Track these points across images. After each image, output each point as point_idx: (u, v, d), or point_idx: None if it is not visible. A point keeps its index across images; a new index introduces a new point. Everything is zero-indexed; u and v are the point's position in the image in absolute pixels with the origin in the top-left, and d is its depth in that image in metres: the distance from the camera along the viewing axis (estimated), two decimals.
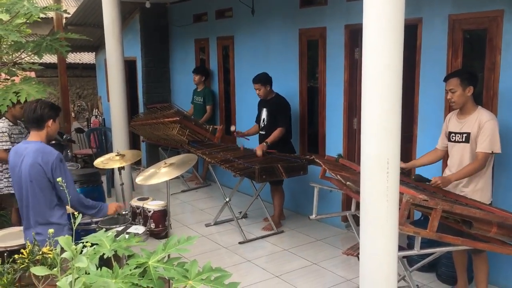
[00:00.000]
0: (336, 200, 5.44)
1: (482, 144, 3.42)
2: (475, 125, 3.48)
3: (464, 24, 4.07)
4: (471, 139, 3.50)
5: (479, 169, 3.45)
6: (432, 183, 3.46)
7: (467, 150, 3.53)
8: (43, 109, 3.15)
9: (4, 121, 4.67)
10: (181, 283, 1.73)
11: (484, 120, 3.44)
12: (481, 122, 3.45)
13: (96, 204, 3.31)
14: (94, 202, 3.31)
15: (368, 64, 2.39)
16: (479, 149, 3.44)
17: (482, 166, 3.45)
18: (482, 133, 3.43)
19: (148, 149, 8.45)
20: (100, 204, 3.37)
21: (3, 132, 4.59)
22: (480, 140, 3.44)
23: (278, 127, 5.36)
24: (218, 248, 5.04)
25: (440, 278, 4.15)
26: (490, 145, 3.41)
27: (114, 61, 5.54)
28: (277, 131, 5.34)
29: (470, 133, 3.51)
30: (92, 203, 3.29)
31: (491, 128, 3.41)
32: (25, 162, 3.08)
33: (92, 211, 3.31)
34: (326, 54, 5.40)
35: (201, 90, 7.29)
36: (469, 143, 3.51)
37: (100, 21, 6.07)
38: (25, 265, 2.15)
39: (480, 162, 3.43)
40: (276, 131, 5.35)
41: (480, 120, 3.46)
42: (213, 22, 7.28)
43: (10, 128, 4.63)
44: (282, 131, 5.36)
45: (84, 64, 13.42)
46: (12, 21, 3.79)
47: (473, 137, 3.49)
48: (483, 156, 3.43)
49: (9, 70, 4.43)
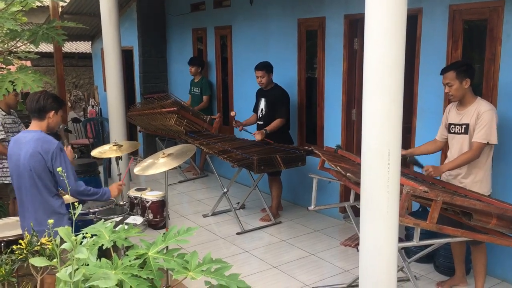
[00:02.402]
0: (334, 191, 5.43)
1: (478, 134, 3.41)
2: (474, 116, 3.46)
3: (464, 15, 4.04)
4: (469, 130, 3.49)
5: (472, 158, 3.43)
6: (424, 170, 3.46)
7: (466, 142, 3.51)
8: (46, 99, 3.17)
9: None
10: (181, 274, 1.72)
11: (482, 111, 3.42)
12: (479, 113, 3.43)
13: (97, 190, 3.32)
14: (95, 189, 3.31)
15: (370, 55, 2.36)
16: (474, 139, 3.43)
17: (476, 156, 3.42)
18: (479, 123, 3.41)
19: (145, 139, 8.42)
20: (102, 189, 3.37)
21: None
22: (476, 130, 3.42)
23: (277, 117, 5.35)
24: (215, 238, 5.04)
25: (438, 269, 4.16)
26: (486, 135, 3.38)
27: (110, 50, 5.48)
28: (277, 121, 5.33)
29: (468, 124, 3.49)
30: (93, 190, 3.29)
31: (489, 119, 3.39)
32: (25, 151, 3.07)
33: (95, 196, 3.31)
34: (325, 44, 5.37)
35: (199, 80, 7.25)
36: (468, 134, 3.50)
37: (96, 9, 6.02)
38: (23, 255, 2.13)
39: (474, 152, 3.41)
40: (276, 121, 5.33)
41: (478, 110, 3.45)
42: (210, 12, 7.21)
43: (3, 118, 4.58)
44: (281, 122, 5.35)
45: (80, 54, 13.32)
46: (7, 9, 3.74)
47: (472, 128, 3.47)
48: (478, 146, 3.41)
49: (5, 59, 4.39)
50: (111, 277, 1.59)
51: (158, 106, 6.48)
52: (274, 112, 5.41)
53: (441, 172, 3.52)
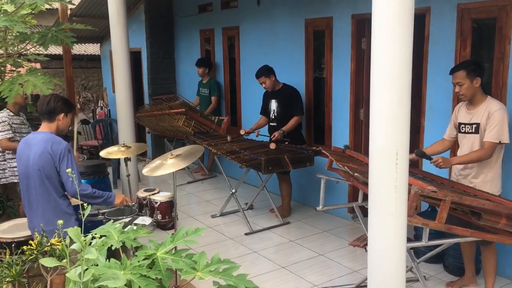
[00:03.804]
0: (342, 192, 5.42)
1: (490, 133, 3.38)
2: (484, 115, 3.43)
3: (473, 13, 4.02)
4: (480, 130, 3.46)
5: (483, 157, 3.40)
6: (433, 161, 3.42)
7: (477, 141, 3.49)
8: (57, 102, 3.21)
9: (4, 111, 4.69)
10: (189, 274, 1.73)
11: (493, 110, 3.40)
12: (490, 112, 3.40)
13: (102, 194, 3.31)
14: (100, 192, 3.32)
15: (377, 55, 2.36)
16: (486, 138, 3.40)
17: (488, 155, 3.39)
18: (490, 122, 3.38)
19: (154, 140, 8.45)
20: (107, 193, 3.37)
21: (4, 121, 4.61)
22: (487, 130, 3.40)
23: (293, 115, 5.36)
24: (224, 239, 5.05)
25: (448, 269, 4.13)
26: (497, 134, 3.36)
27: (119, 52, 5.52)
28: (294, 120, 5.36)
29: (479, 124, 3.46)
30: (98, 192, 3.29)
31: (500, 118, 3.37)
32: (34, 151, 3.10)
33: (99, 200, 3.31)
34: (333, 44, 5.36)
35: (207, 81, 7.26)
36: (478, 134, 3.47)
37: (105, 12, 6.05)
38: (33, 256, 2.15)
39: (486, 151, 3.39)
40: (293, 119, 5.35)
41: (489, 110, 3.42)
42: (218, 13, 7.23)
43: (11, 118, 4.64)
44: (299, 120, 5.39)
45: (89, 55, 13.40)
46: (17, 12, 3.78)
47: (482, 127, 3.44)
48: (489, 145, 3.38)
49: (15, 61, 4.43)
50: (120, 277, 1.61)
51: (166, 107, 6.50)
52: (289, 111, 5.41)
53: (450, 164, 3.48)
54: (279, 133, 5.27)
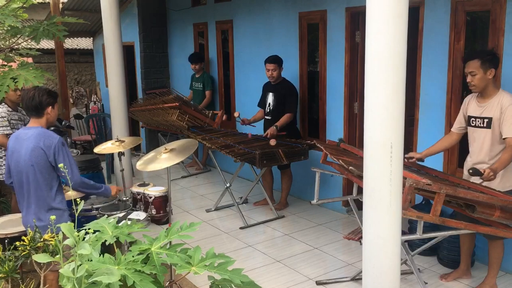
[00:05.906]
0: (337, 185, 5.43)
1: (509, 128, 3.22)
2: (497, 110, 3.29)
3: (467, 6, 4.01)
4: (492, 124, 3.32)
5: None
6: (485, 177, 3.13)
7: (489, 136, 3.36)
8: (41, 96, 3.17)
9: (4, 107, 4.64)
10: (184, 269, 1.72)
11: (507, 104, 3.25)
12: (503, 106, 3.26)
13: (99, 185, 3.42)
14: (97, 184, 3.40)
15: (371, 48, 2.35)
16: (506, 135, 3.23)
17: None
18: (506, 118, 3.24)
19: (148, 134, 8.42)
20: (103, 185, 3.48)
21: (3, 117, 4.56)
22: (505, 125, 3.24)
23: (286, 112, 5.34)
24: (219, 233, 5.05)
25: (442, 261, 4.15)
26: None
27: (112, 46, 5.47)
28: (286, 116, 5.32)
29: (492, 118, 3.32)
30: (95, 184, 3.37)
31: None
32: (26, 146, 3.08)
33: (97, 190, 3.41)
34: (327, 37, 5.35)
35: (200, 76, 7.23)
36: (490, 128, 3.34)
37: (97, 5, 6.00)
38: (26, 252, 2.13)
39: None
40: (285, 116, 5.32)
41: (502, 104, 3.27)
42: (212, 6, 7.19)
43: (9, 114, 4.60)
44: (290, 117, 5.35)
45: (82, 50, 13.29)
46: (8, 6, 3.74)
47: (495, 122, 3.31)
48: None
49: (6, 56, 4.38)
50: (114, 273, 1.59)
51: (160, 101, 6.47)
52: (282, 106, 5.39)
53: (497, 173, 3.20)
54: (273, 129, 5.25)
